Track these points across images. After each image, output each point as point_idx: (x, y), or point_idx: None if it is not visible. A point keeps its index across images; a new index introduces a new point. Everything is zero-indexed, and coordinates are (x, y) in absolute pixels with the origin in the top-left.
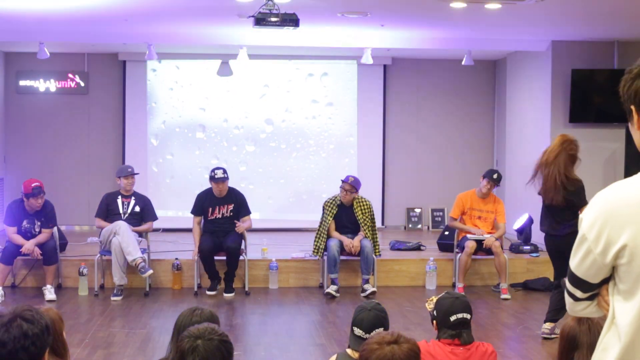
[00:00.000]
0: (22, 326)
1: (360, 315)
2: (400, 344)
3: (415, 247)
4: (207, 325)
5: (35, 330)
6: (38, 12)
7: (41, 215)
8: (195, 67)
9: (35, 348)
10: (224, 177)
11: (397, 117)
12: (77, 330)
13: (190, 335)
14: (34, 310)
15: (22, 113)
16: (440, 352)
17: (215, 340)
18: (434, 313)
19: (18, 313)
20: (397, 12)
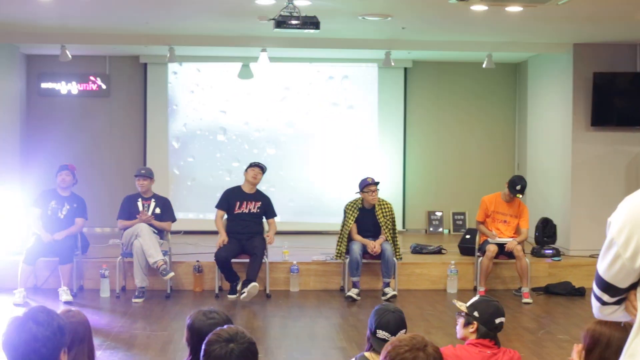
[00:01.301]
0: (31, 329)
1: (385, 317)
2: (429, 345)
3: (437, 250)
4: (235, 328)
5: (47, 332)
6: (60, 14)
7: (72, 201)
8: (216, 69)
9: (46, 350)
10: (263, 167)
11: (417, 120)
12: (99, 332)
13: (221, 339)
14: (46, 312)
15: (44, 115)
16: (468, 355)
17: (246, 343)
18: (475, 314)
19: (30, 316)
20: (418, 15)
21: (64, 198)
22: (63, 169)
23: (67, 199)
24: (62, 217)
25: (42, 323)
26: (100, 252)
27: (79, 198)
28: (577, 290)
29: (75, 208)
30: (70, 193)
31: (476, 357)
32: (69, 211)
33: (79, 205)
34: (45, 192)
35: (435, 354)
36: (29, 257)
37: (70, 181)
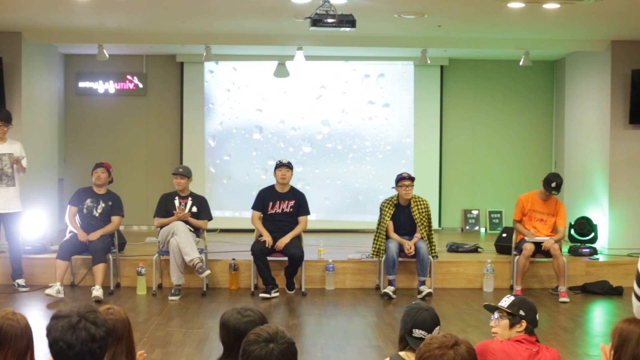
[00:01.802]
0: (89, 329)
1: (420, 316)
2: (460, 344)
3: (473, 249)
4: (275, 327)
5: (102, 333)
6: (97, 14)
7: (107, 199)
8: (252, 68)
9: (100, 351)
10: (290, 165)
11: (454, 118)
12: (136, 329)
13: (261, 338)
14: (98, 312)
15: (82, 114)
16: (515, 352)
17: (286, 343)
18: (521, 313)
19: (82, 314)
20: (454, 12)
21: (99, 196)
22: (99, 166)
23: (102, 197)
24: (97, 215)
25: (98, 323)
26: (137, 250)
27: (115, 195)
28: (614, 289)
29: (110, 206)
30: (106, 191)
31: (523, 354)
32: (105, 209)
33: (114, 202)
34: (81, 191)
35: (466, 353)
36: (62, 253)
37: (106, 179)
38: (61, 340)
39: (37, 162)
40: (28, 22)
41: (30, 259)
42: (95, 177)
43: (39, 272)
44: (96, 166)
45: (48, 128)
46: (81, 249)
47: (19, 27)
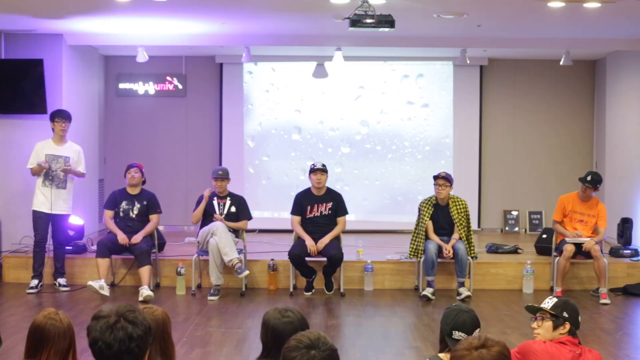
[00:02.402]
0: (126, 328)
1: (460, 318)
2: (488, 347)
3: (512, 250)
4: (317, 333)
5: (139, 332)
6: (137, 16)
7: (142, 198)
8: (291, 69)
9: (138, 350)
10: (323, 168)
11: (493, 118)
12: (175, 329)
13: (302, 345)
14: (137, 311)
15: (122, 115)
16: (559, 353)
17: (328, 350)
18: (565, 315)
19: (121, 314)
20: (494, 12)
21: (134, 197)
22: (131, 167)
23: (137, 198)
24: (134, 217)
25: (136, 323)
26: (176, 250)
27: (149, 193)
28: None
29: (146, 205)
30: (140, 190)
31: (567, 356)
32: (141, 209)
33: (149, 201)
34: (115, 193)
35: (500, 355)
36: (101, 251)
37: (139, 179)
38: (100, 340)
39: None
40: (69, 25)
41: (70, 259)
42: (129, 177)
43: (79, 272)
44: (129, 167)
45: (89, 129)
46: (120, 249)
47: (60, 30)
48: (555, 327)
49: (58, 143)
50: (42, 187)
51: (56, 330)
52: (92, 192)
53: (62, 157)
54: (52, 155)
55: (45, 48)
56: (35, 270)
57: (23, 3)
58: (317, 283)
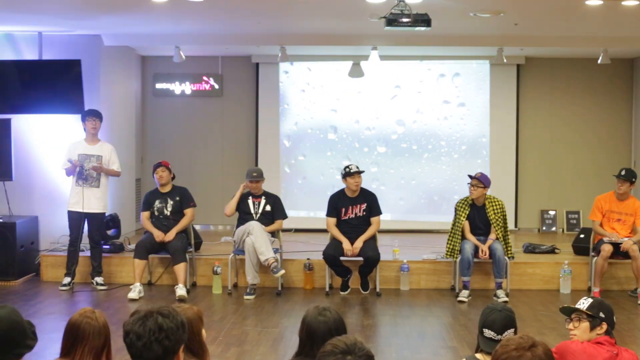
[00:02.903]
0: (157, 319)
1: (491, 316)
2: (537, 347)
3: (550, 250)
4: (353, 338)
5: (171, 324)
6: (173, 16)
7: (174, 195)
8: (327, 68)
9: (169, 342)
10: (359, 170)
11: (530, 117)
12: (211, 327)
13: (337, 350)
14: (172, 308)
15: (159, 115)
16: (597, 353)
17: (364, 356)
18: (601, 315)
19: (156, 309)
20: (531, 10)
21: (165, 195)
22: (157, 166)
23: (169, 195)
24: (169, 215)
25: (167, 315)
26: (212, 249)
27: (181, 189)
28: None
29: (179, 201)
30: (172, 187)
31: (604, 356)
32: (174, 206)
33: (181, 196)
34: (148, 195)
35: (544, 355)
36: (139, 252)
37: (168, 177)
38: (131, 331)
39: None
40: (106, 25)
41: (108, 258)
42: (157, 178)
43: (116, 271)
44: (155, 167)
45: (126, 129)
46: (158, 248)
47: (98, 30)
48: (592, 328)
49: (90, 142)
50: (75, 186)
51: (91, 328)
52: (129, 192)
53: (94, 156)
54: (85, 155)
55: (83, 48)
56: (68, 268)
57: (61, 4)
58: (353, 282)
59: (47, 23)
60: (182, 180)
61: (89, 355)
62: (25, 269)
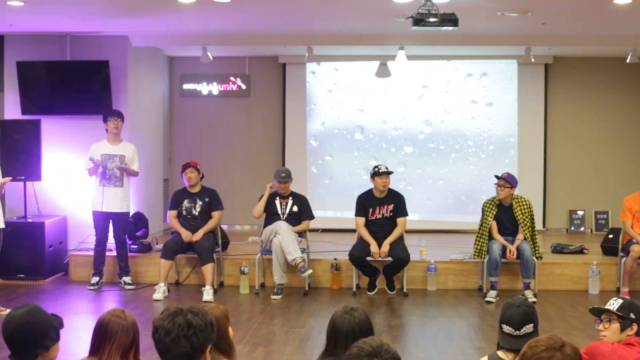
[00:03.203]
0: (186, 316)
1: (509, 312)
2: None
3: (578, 250)
4: (379, 341)
5: (200, 322)
6: (201, 17)
7: (203, 196)
8: (354, 68)
9: (197, 339)
10: (389, 171)
11: (559, 117)
12: (238, 327)
13: (364, 353)
14: (201, 307)
15: (186, 116)
16: (626, 353)
17: (391, 358)
18: (631, 316)
19: (186, 307)
20: (559, 9)
21: (195, 195)
22: (186, 167)
23: (198, 195)
24: (197, 215)
25: (197, 313)
26: (240, 249)
27: (210, 190)
28: None
29: (208, 202)
30: (201, 188)
31: (635, 357)
32: (203, 207)
33: (211, 198)
34: (177, 193)
35: (574, 354)
36: (166, 252)
37: (197, 177)
38: (160, 326)
39: (143, 162)
40: (134, 26)
41: (135, 257)
42: (186, 178)
43: (144, 271)
44: (184, 167)
45: (154, 129)
46: (185, 248)
47: (126, 31)
48: (622, 329)
49: (112, 142)
50: (99, 186)
51: (119, 327)
52: (157, 192)
53: (117, 155)
54: (107, 155)
55: (111, 49)
56: (96, 268)
57: (89, 5)
58: (380, 282)
59: (75, 24)
60: (209, 180)
61: (116, 353)
62: (54, 268)
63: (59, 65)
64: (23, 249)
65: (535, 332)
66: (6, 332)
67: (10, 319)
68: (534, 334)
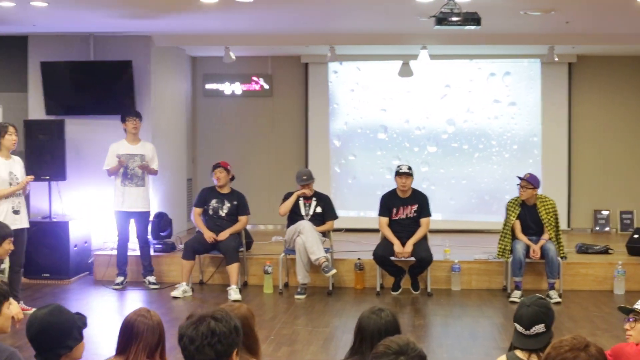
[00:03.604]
0: (210, 324)
1: (520, 311)
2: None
3: (603, 250)
4: (406, 339)
5: (223, 329)
6: (223, 17)
7: (232, 198)
8: (376, 68)
9: (221, 346)
10: (409, 172)
11: (583, 117)
12: (262, 327)
13: (390, 351)
14: (225, 312)
15: (209, 115)
16: None
17: (417, 357)
18: None
19: (210, 313)
20: (582, 8)
21: (224, 196)
22: (216, 167)
23: (227, 197)
24: (223, 216)
25: (220, 319)
26: (263, 249)
27: (239, 194)
28: None
29: (236, 205)
30: (230, 190)
31: None
32: (230, 209)
33: (239, 202)
34: (205, 191)
35: (598, 354)
36: (187, 252)
37: (226, 178)
38: (185, 334)
39: (166, 162)
40: (157, 26)
41: (159, 257)
42: (215, 179)
43: (167, 270)
44: (214, 167)
45: (177, 129)
46: (207, 248)
47: (148, 31)
48: None
49: (132, 142)
50: (121, 186)
51: (145, 326)
52: (180, 192)
53: (137, 155)
54: (128, 155)
55: (134, 49)
56: (120, 268)
57: (112, 5)
58: (404, 282)
59: (99, 24)
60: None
61: (143, 352)
62: (79, 268)
63: (82, 65)
64: (48, 249)
65: (546, 333)
66: (29, 333)
67: (33, 319)
68: (545, 335)
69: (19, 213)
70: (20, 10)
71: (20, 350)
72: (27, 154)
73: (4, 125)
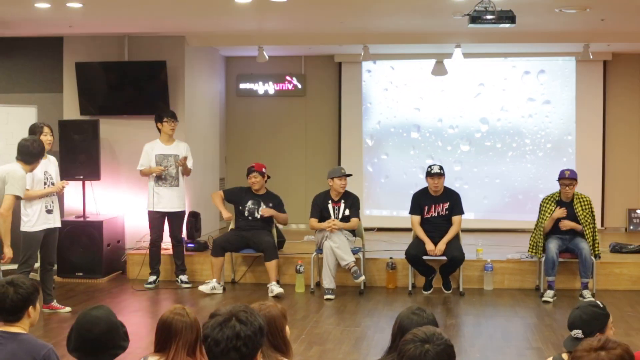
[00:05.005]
0: (235, 327)
1: (572, 315)
2: (608, 349)
3: (637, 249)
4: (433, 329)
5: (248, 332)
6: (257, 17)
7: (268, 200)
8: (410, 67)
9: (246, 349)
10: (441, 172)
11: (618, 115)
12: (294, 326)
13: (417, 339)
14: (249, 312)
15: (242, 115)
16: None
17: (443, 345)
18: None
19: (234, 313)
20: (618, 5)
21: (260, 197)
22: (251, 171)
23: (262, 198)
24: (259, 217)
25: (245, 322)
26: (295, 248)
27: (275, 196)
28: None
29: (272, 207)
30: (266, 191)
31: None
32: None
33: (275, 203)
34: (241, 190)
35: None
36: (215, 250)
37: (261, 182)
38: (209, 336)
39: (199, 161)
40: (191, 26)
41: (192, 256)
42: (250, 183)
43: (200, 270)
44: (249, 171)
45: (210, 129)
46: (239, 246)
47: (182, 32)
48: None
49: (166, 142)
50: (155, 187)
51: (182, 324)
52: (213, 191)
53: (171, 155)
54: (162, 155)
55: (168, 50)
56: (152, 267)
57: (146, 6)
58: (436, 282)
59: (133, 25)
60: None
61: (183, 349)
62: (112, 267)
63: (117, 65)
64: (81, 248)
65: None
66: (92, 333)
67: (95, 319)
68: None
69: (52, 212)
70: (56, 11)
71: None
72: (62, 154)
73: (39, 126)
